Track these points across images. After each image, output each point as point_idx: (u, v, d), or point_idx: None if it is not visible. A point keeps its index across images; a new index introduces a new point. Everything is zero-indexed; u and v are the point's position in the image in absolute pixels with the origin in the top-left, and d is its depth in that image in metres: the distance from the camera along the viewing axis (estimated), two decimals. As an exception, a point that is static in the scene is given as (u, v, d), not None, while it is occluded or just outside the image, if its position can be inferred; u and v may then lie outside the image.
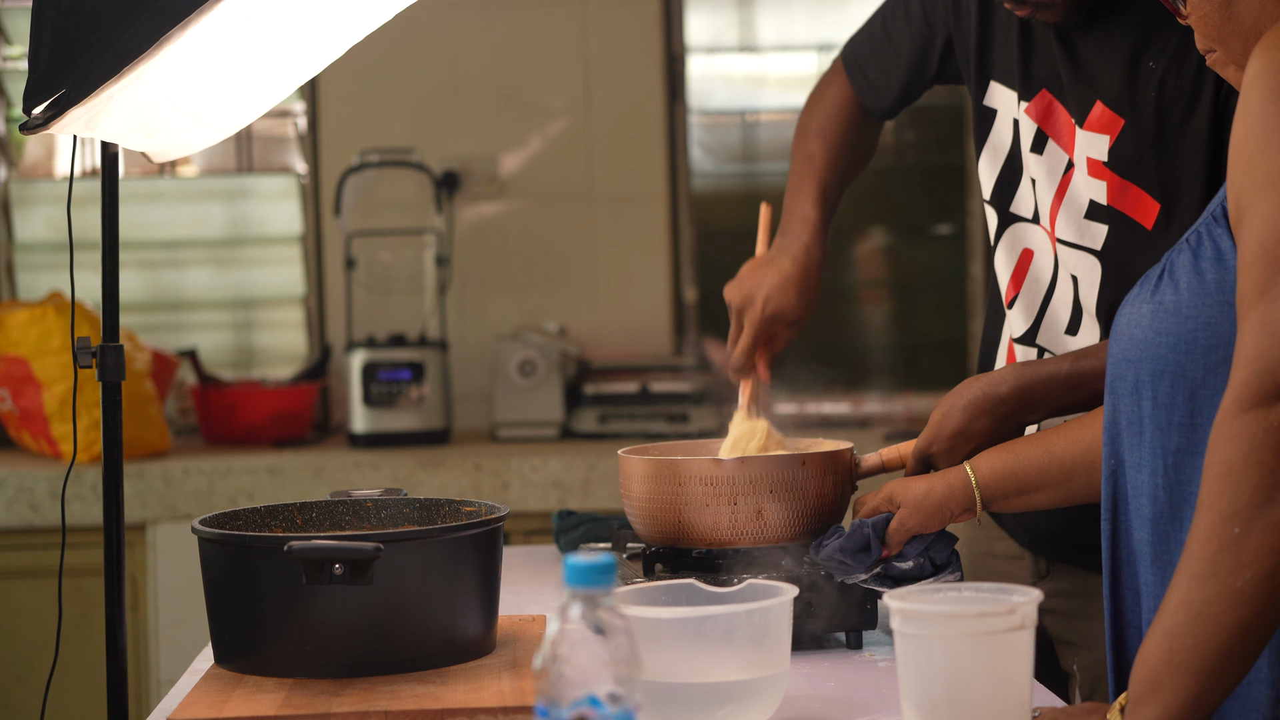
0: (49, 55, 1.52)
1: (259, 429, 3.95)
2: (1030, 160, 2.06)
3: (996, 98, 2.12)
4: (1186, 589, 1.38)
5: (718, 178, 4.46)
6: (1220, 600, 1.36)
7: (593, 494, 3.61)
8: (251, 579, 1.69)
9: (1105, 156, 1.97)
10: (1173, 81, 1.92)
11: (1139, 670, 1.41)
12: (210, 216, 4.38)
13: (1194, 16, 1.55)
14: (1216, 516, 1.36)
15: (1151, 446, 1.55)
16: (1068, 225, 2.02)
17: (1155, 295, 1.55)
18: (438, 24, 4.24)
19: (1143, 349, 1.55)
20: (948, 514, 1.90)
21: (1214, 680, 1.37)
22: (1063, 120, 2.02)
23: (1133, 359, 1.56)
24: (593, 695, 1.13)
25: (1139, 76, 1.94)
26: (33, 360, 3.69)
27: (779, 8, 4.43)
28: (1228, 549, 1.35)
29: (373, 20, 1.74)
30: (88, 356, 1.75)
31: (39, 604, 3.54)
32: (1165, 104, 1.92)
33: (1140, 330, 1.55)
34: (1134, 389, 1.56)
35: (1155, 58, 1.93)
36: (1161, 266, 1.56)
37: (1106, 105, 1.97)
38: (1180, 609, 1.38)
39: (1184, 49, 1.90)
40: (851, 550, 1.89)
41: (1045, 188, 2.04)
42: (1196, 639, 1.37)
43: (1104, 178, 1.98)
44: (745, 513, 1.89)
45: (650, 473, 1.92)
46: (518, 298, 4.27)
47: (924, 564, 1.90)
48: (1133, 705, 1.41)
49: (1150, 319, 1.54)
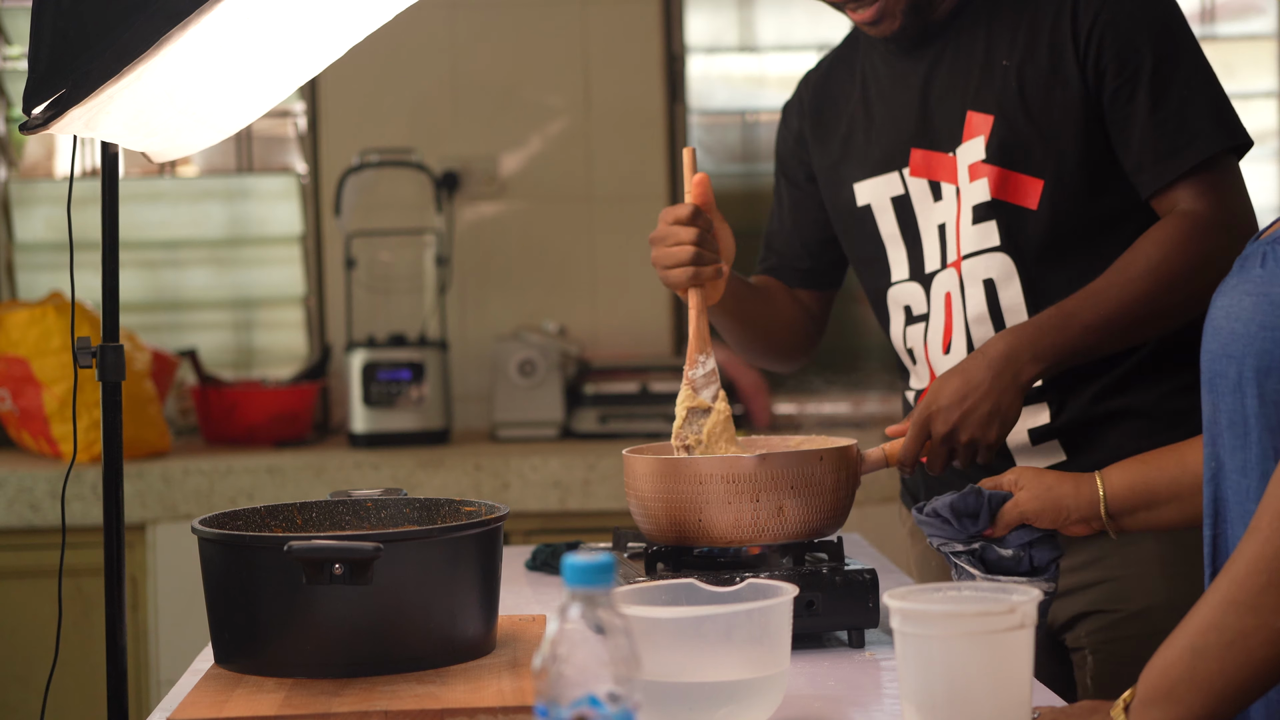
0: (49, 55, 1.52)
1: (259, 429, 3.96)
2: (935, 210, 2.15)
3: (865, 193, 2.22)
4: (1223, 613, 1.36)
5: (718, 178, 4.44)
6: (1258, 635, 1.34)
7: (593, 494, 3.61)
8: (251, 579, 1.69)
9: (983, 153, 2.08)
10: (1030, 70, 2.06)
11: (1155, 676, 1.40)
12: (210, 216, 4.38)
13: None
14: (1271, 552, 1.33)
15: (1261, 448, 1.46)
16: (967, 239, 2.11)
17: (1259, 285, 1.45)
18: (438, 24, 4.24)
19: (1245, 343, 1.45)
20: (1065, 513, 1.82)
21: (1229, 705, 1.37)
22: (938, 161, 2.14)
23: (1234, 354, 1.47)
24: (592, 695, 1.13)
25: (995, 75, 2.08)
26: (33, 360, 3.69)
27: (779, 8, 4.43)
28: (1276, 588, 1.32)
29: (373, 20, 1.74)
30: (88, 356, 1.75)
31: (39, 604, 3.54)
32: (1026, 90, 2.06)
33: (1241, 323, 1.46)
34: (1236, 386, 1.47)
35: (1007, 55, 2.08)
36: (1260, 252, 1.47)
37: (975, 110, 2.09)
38: (1212, 630, 1.36)
39: (1033, 40, 2.06)
40: (962, 511, 1.83)
41: (951, 227, 2.13)
42: (1224, 665, 1.35)
43: (984, 173, 2.08)
44: (767, 510, 1.89)
45: (664, 471, 1.92)
46: (518, 298, 4.27)
47: (1023, 558, 1.83)
48: (1141, 705, 1.41)
49: (1252, 310, 1.45)
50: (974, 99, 2.10)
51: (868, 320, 4.50)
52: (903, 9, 2.10)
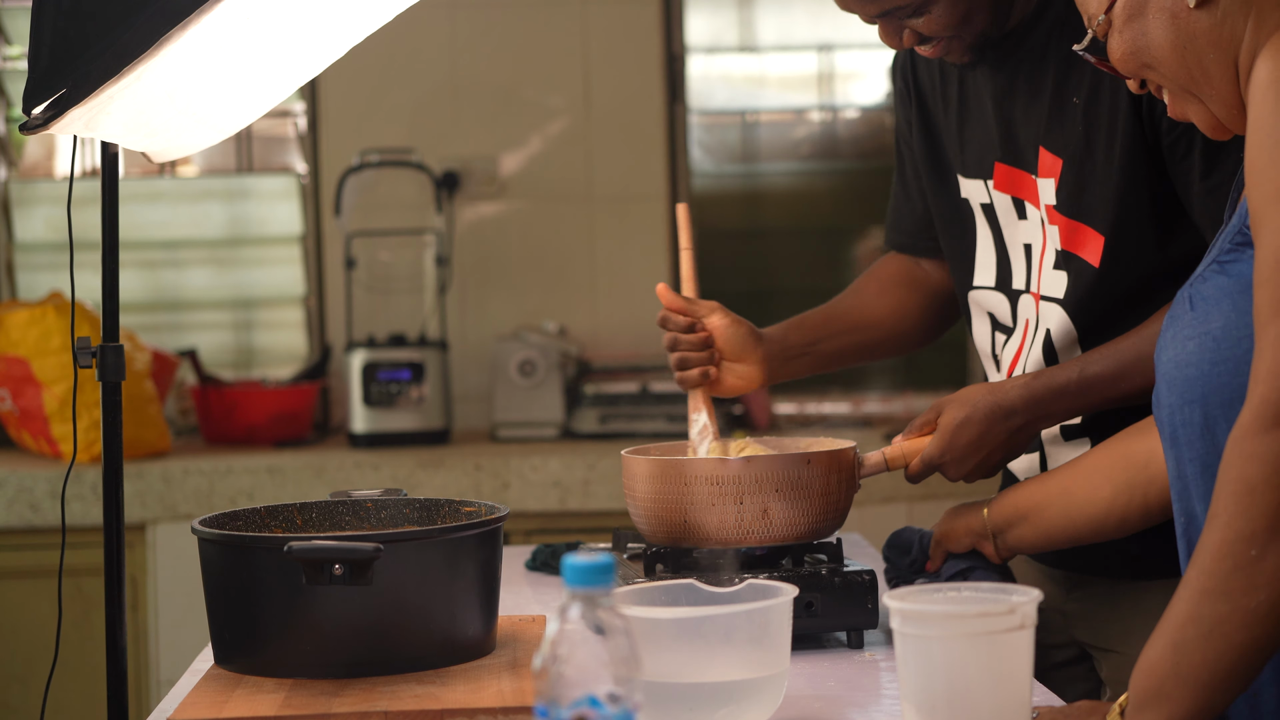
0: (49, 55, 1.52)
1: (259, 429, 3.95)
2: (1021, 228, 2.07)
3: (966, 188, 2.15)
4: (1197, 604, 1.37)
5: (718, 178, 4.46)
6: (1233, 620, 1.35)
7: (592, 494, 3.61)
8: (251, 579, 1.69)
9: (1054, 199, 2.00)
10: (1094, 114, 1.95)
11: (1142, 678, 1.41)
12: (210, 216, 4.38)
13: (1117, 55, 1.55)
14: (1232, 535, 1.34)
15: None
16: (1046, 281, 2.05)
17: (1196, 327, 1.48)
18: (438, 24, 4.24)
19: (1203, 385, 1.47)
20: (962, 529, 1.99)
21: (1219, 694, 1.37)
22: (1022, 180, 2.05)
23: (1194, 398, 1.48)
24: (592, 695, 1.13)
25: (1065, 113, 1.98)
26: (33, 360, 3.69)
27: (779, 8, 4.43)
28: (1242, 570, 1.34)
29: (373, 20, 1.74)
30: (88, 356, 1.75)
31: (39, 604, 3.54)
32: (1091, 135, 1.95)
33: (1193, 368, 1.48)
34: (1204, 429, 1.48)
35: (1076, 92, 1.97)
36: (1185, 297, 1.51)
37: (1047, 149, 2.00)
38: (1190, 623, 1.37)
39: (1096, 81, 1.94)
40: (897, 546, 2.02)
41: (1036, 250, 2.06)
42: (1205, 656, 1.36)
43: (1056, 222, 2.01)
44: (751, 512, 1.89)
45: (655, 473, 1.92)
46: (518, 298, 4.27)
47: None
48: (1134, 709, 1.41)
49: (1198, 352, 1.47)
50: (1046, 135, 1.99)
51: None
52: (968, 46, 2.00)
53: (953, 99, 2.13)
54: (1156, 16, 1.50)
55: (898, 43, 2.00)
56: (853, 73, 4.48)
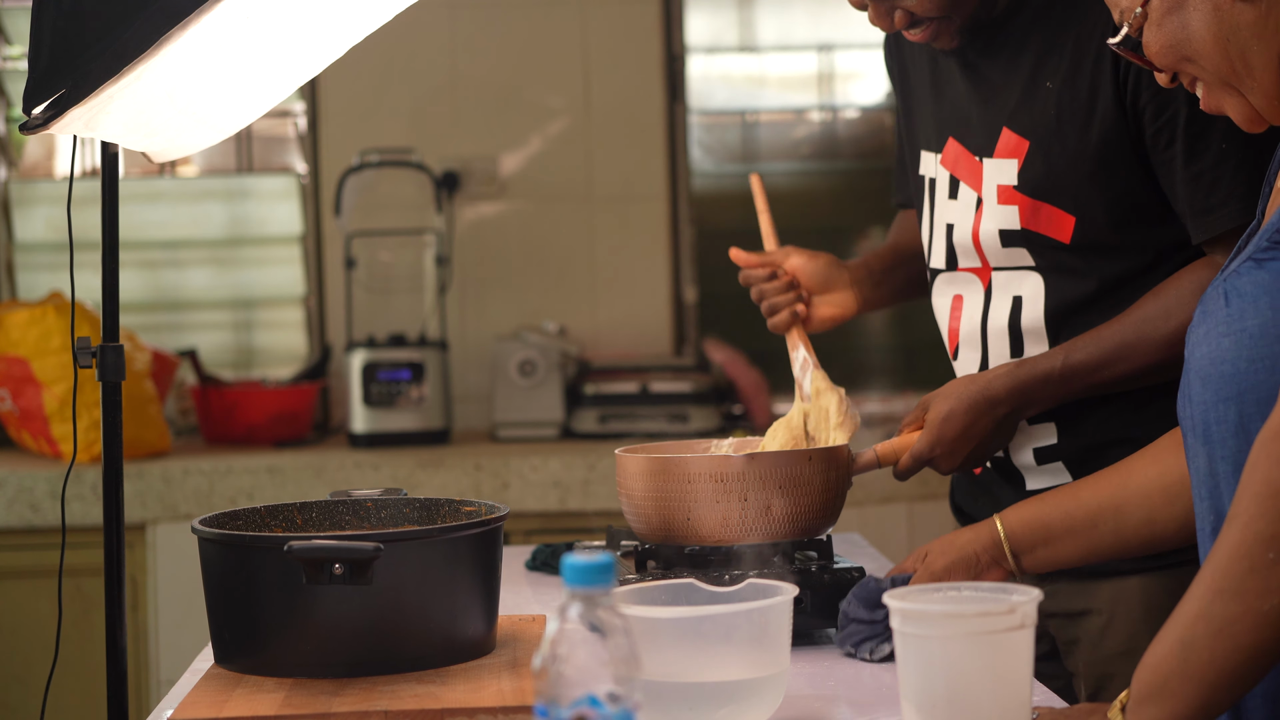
0: (49, 55, 1.52)
1: (259, 429, 3.95)
2: (949, 207, 2.11)
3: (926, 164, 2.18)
4: (1209, 602, 1.36)
5: (718, 178, 4.46)
6: (1244, 621, 1.34)
7: (593, 494, 3.61)
8: (251, 579, 1.69)
9: (1015, 180, 2.02)
10: (1068, 99, 1.98)
11: (1147, 673, 1.41)
12: (210, 216, 4.38)
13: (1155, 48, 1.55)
14: (1252, 537, 1.34)
15: None
16: (995, 256, 2.07)
17: (1231, 324, 1.46)
18: (438, 24, 4.24)
19: (1238, 383, 1.46)
20: (974, 560, 1.87)
21: (1223, 694, 1.37)
22: (965, 161, 2.08)
23: (1230, 396, 1.47)
24: (592, 695, 1.13)
25: (1037, 97, 2.00)
26: (33, 360, 3.69)
27: (779, 8, 4.43)
28: (1259, 573, 1.33)
29: (373, 20, 1.74)
30: (88, 356, 1.75)
31: (39, 604, 3.54)
32: (1063, 120, 1.98)
33: (1229, 364, 1.46)
34: (1238, 427, 1.46)
35: (1050, 78, 1.99)
36: (1221, 292, 1.49)
37: (1011, 130, 2.03)
38: (1199, 621, 1.37)
39: (1075, 67, 1.97)
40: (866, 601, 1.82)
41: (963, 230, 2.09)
42: (1214, 654, 1.36)
43: (1015, 201, 2.03)
44: (755, 508, 1.90)
45: (655, 470, 1.93)
46: (518, 298, 4.27)
47: None
48: (1136, 704, 1.41)
49: (1234, 350, 1.46)
50: (1011, 116, 2.02)
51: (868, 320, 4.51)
52: (956, 29, 2.02)
53: (925, 76, 2.17)
54: (1198, 9, 1.50)
55: (889, 24, 2.02)
56: (853, 73, 4.48)
